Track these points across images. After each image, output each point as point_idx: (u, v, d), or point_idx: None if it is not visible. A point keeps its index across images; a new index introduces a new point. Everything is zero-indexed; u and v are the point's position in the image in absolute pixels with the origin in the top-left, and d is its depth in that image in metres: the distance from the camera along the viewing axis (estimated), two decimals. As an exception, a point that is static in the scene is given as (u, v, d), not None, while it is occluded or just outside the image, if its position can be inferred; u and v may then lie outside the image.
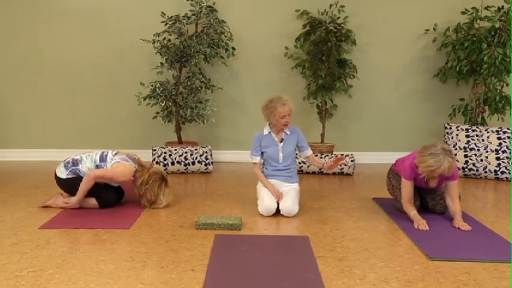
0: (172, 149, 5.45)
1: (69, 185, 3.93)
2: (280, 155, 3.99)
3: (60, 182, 3.97)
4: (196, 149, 5.49)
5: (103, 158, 3.94)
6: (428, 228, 3.53)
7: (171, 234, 3.36)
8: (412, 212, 3.68)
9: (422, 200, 3.96)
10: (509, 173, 5.26)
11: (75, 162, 3.95)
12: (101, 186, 3.97)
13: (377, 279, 2.66)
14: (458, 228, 3.55)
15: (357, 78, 6.08)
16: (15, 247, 3.05)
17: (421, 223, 3.56)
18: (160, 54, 5.73)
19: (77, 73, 6.12)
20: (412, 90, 6.26)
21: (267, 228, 3.53)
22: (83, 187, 3.82)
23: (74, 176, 3.92)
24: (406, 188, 3.73)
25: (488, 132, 5.34)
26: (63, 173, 3.95)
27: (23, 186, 4.75)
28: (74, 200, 3.86)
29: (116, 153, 3.98)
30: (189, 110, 5.78)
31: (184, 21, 5.70)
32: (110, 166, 3.90)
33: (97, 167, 3.91)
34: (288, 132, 4.02)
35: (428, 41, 6.17)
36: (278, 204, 3.84)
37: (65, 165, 3.97)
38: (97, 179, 3.84)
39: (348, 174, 5.54)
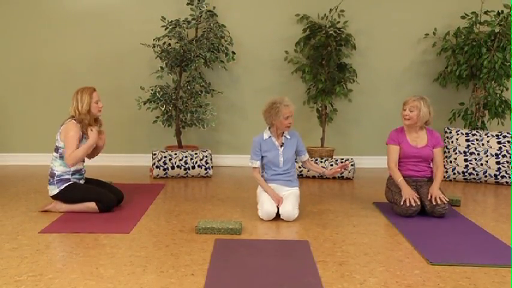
0: (172, 153, 5.45)
1: (67, 195, 3.92)
2: (281, 159, 4.00)
3: (57, 197, 3.95)
4: (196, 153, 5.49)
5: (56, 147, 3.95)
6: (418, 203, 3.83)
7: (171, 238, 3.36)
8: (400, 179, 3.99)
9: (420, 203, 3.96)
10: (509, 178, 5.25)
11: (52, 174, 3.94)
12: (100, 191, 3.97)
13: (377, 283, 2.65)
14: (431, 196, 3.87)
15: (357, 82, 6.09)
16: (15, 251, 3.05)
17: (410, 196, 3.84)
18: (161, 59, 5.74)
19: (77, 77, 6.12)
20: (412, 95, 6.25)
21: (267, 232, 3.53)
22: (84, 148, 3.88)
23: (65, 184, 3.91)
24: (391, 152, 4.10)
25: (488, 137, 5.34)
26: (54, 190, 3.92)
27: (23, 190, 4.75)
28: (92, 137, 3.93)
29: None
30: (189, 114, 5.78)
31: (184, 25, 5.71)
32: (61, 142, 3.91)
33: (60, 155, 3.92)
34: (288, 137, 4.03)
35: (428, 45, 6.18)
36: (278, 208, 3.84)
37: (50, 184, 3.95)
38: (77, 154, 3.85)
39: (348, 178, 5.54)
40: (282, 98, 3.95)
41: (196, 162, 5.45)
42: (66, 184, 3.90)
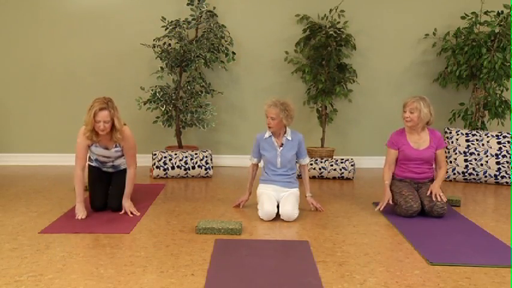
0: (173, 154, 5.45)
1: (88, 172, 4.08)
2: (278, 160, 3.99)
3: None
4: (196, 154, 5.49)
5: None
6: (391, 202, 3.96)
7: (171, 238, 3.36)
8: (386, 182, 4.09)
9: (420, 203, 3.97)
10: (509, 178, 5.26)
11: None
12: (96, 191, 3.98)
13: (377, 284, 2.65)
14: (431, 193, 3.94)
15: (357, 82, 6.09)
16: (15, 252, 3.05)
17: (385, 200, 3.97)
18: (161, 59, 5.74)
19: (77, 77, 6.13)
20: (412, 95, 6.26)
21: (267, 232, 3.53)
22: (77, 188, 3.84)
23: (88, 163, 4.08)
24: (388, 155, 4.15)
25: (488, 137, 5.34)
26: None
27: (23, 190, 4.75)
28: (78, 208, 3.84)
29: None
30: (189, 115, 5.79)
31: (184, 25, 5.71)
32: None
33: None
34: (289, 138, 4.02)
35: (428, 45, 6.18)
36: (278, 209, 3.85)
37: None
38: (81, 164, 3.82)
39: (348, 178, 5.54)
40: (274, 98, 3.95)
41: (196, 163, 5.45)
42: (89, 163, 4.08)
